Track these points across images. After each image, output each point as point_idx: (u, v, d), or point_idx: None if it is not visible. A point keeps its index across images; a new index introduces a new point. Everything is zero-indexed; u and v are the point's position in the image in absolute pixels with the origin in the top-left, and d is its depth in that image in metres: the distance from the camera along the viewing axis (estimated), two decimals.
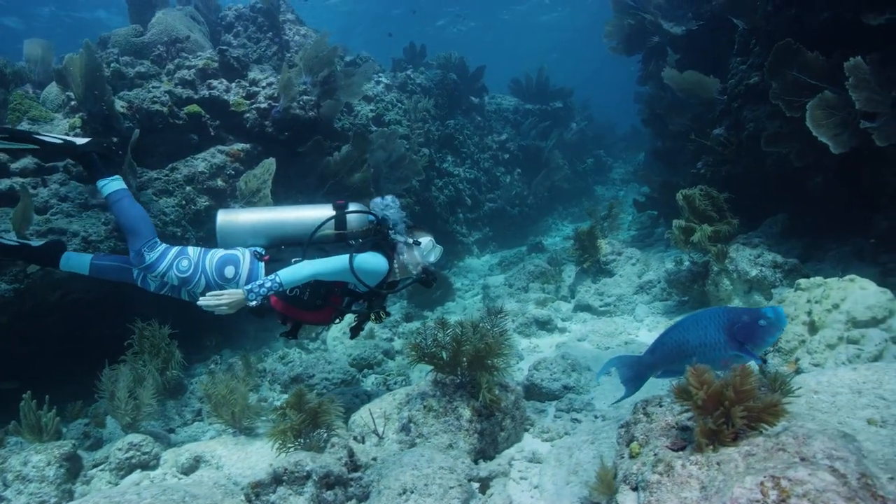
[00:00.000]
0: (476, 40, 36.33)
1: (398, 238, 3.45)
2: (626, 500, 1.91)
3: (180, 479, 3.17)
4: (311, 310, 3.42)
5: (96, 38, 7.02)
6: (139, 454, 3.27)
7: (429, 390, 3.11)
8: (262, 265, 3.38)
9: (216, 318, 3.28)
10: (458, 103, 11.53)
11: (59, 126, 5.26)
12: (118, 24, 7.46)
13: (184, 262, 3.35)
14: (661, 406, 2.10)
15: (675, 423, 1.97)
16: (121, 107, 5.37)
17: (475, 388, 3.00)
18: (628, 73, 10.55)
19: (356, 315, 3.60)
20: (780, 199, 5.67)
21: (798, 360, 3.07)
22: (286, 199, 6.00)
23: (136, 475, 3.22)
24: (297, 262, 3.26)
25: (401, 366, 5.04)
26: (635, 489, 1.86)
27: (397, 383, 4.63)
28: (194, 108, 5.83)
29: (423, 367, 3.29)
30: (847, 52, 4.13)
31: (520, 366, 4.76)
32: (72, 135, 4.86)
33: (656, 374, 2.62)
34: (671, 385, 1.90)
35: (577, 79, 20.99)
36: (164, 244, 3.43)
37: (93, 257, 3.50)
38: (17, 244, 3.46)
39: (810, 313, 3.20)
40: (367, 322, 3.66)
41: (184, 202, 5.43)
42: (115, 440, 3.41)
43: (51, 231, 4.47)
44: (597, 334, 5.08)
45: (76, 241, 4.56)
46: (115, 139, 5.19)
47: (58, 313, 4.57)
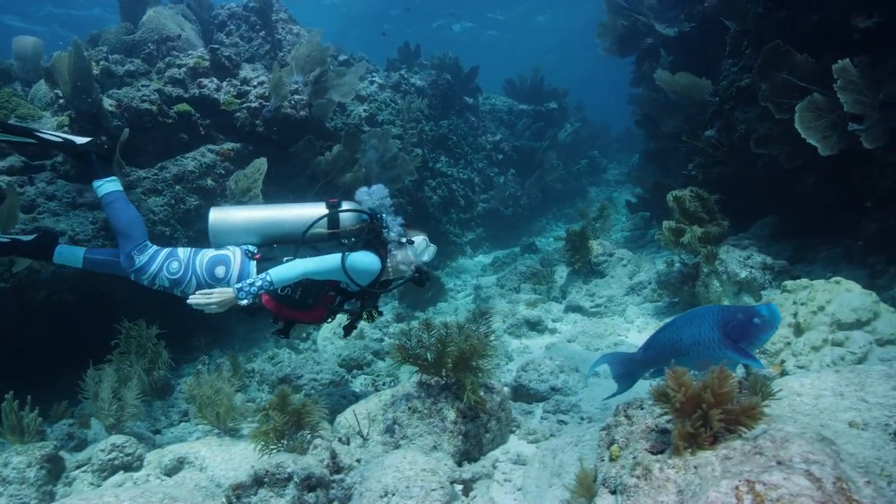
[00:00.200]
0: (472, 41, 36.35)
1: (391, 237, 3.43)
2: None
3: (163, 480, 3.14)
4: (303, 309, 3.40)
5: (87, 35, 6.98)
6: (122, 455, 3.24)
7: (413, 392, 3.10)
8: (253, 264, 3.35)
9: (206, 318, 3.25)
10: (452, 103, 11.51)
11: (47, 124, 5.22)
12: (115, 22, 7.40)
13: (174, 264, 3.33)
14: (641, 409, 2.09)
15: (655, 426, 1.96)
16: (109, 105, 5.34)
17: (460, 389, 2.98)
18: (623, 75, 10.55)
19: (348, 314, 3.58)
20: (770, 201, 5.68)
21: (783, 362, 3.07)
22: (277, 198, 5.97)
23: (119, 476, 3.19)
24: (288, 260, 3.24)
25: (390, 366, 5.02)
26: (614, 493, 1.85)
27: (386, 384, 4.61)
28: (184, 106, 5.80)
29: (412, 367, 3.28)
30: (836, 55, 4.13)
31: (509, 367, 4.75)
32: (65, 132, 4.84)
33: (650, 373, 2.60)
34: (650, 387, 1.89)
35: (573, 80, 21.06)
36: (154, 246, 3.40)
37: (86, 251, 3.48)
38: (7, 241, 3.44)
39: (796, 315, 3.20)
40: (359, 321, 3.64)
41: (173, 201, 5.41)
42: (100, 441, 3.39)
43: (37, 231, 4.44)
44: (586, 335, 5.07)
45: (63, 240, 4.52)
46: (104, 138, 5.16)
47: (43, 313, 4.54)
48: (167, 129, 5.70)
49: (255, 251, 3.41)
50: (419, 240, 3.52)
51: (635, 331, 5.26)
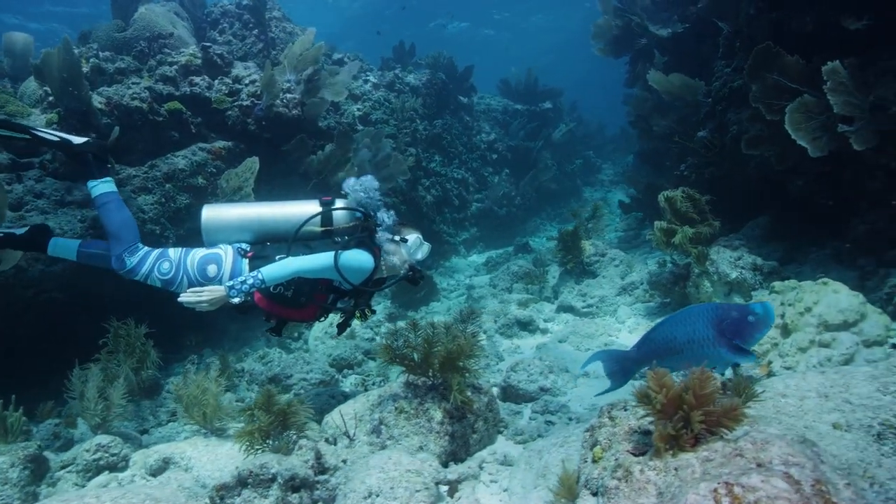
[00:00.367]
0: (469, 41, 36.33)
1: (385, 235, 3.42)
2: None
3: (148, 480, 3.12)
4: (296, 307, 3.39)
5: (77, 33, 6.94)
6: (107, 455, 3.22)
7: (401, 392, 3.08)
8: (245, 262, 3.34)
9: (198, 317, 3.23)
10: (447, 103, 11.49)
11: (36, 121, 5.18)
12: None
13: (165, 265, 3.32)
14: (625, 410, 2.08)
15: (638, 428, 1.95)
16: (99, 103, 5.30)
17: (447, 389, 2.97)
18: (619, 76, 10.54)
19: (341, 312, 3.56)
20: (762, 202, 5.68)
21: (770, 363, 3.07)
22: (269, 197, 5.93)
23: (104, 477, 3.17)
24: (281, 258, 3.23)
25: (380, 366, 5.01)
26: (595, 494, 1.84)
27: (375, 384, 4.59)
28: (175, 104, 5.77)
29: (401, 367, 3.26)
30: (827, 56, 4.13)
31: (499, 366, 4.74)
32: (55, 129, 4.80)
33: (644, 370, 2.58)
34: (632, 388, 1.88)
35: (570, 81, 21.04)
36: (144, 248, 3.38)
37: (80, 244, 3.47)
38: (0, 234, 3.42)
39: (783, 316, 3.20)
40: (353, 319, 3.62)
41: (163, 200, 5.37)
42: (86, 441, 3.36)
43: (29, 224, 4.40)
44: (577, 335, 5.07)
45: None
46: (93, 135, 5.12)
47: (32, 311, 4.50)
48: (158, 127, 5.66)
49: (248, 249, 3.40)
50: (413, 238, 3.50)
51: (626, 331, 5.26)
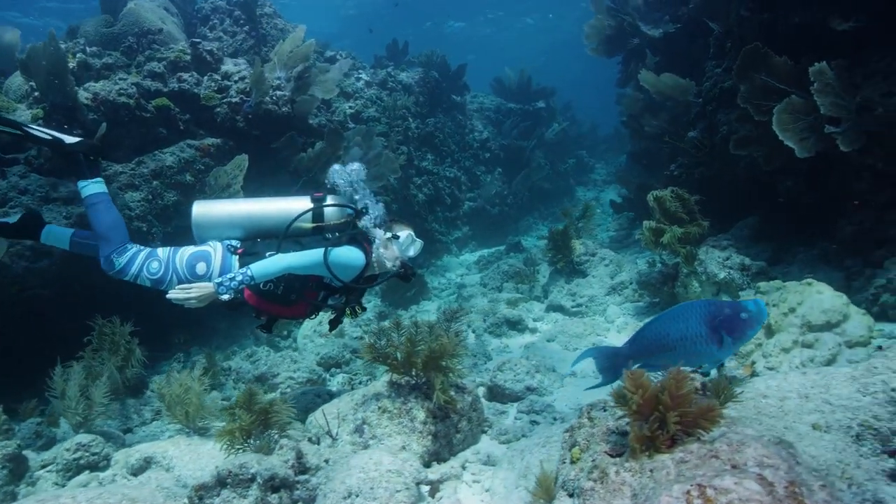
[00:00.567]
0: (465, 41, 36.30)
1: (376, 232, 3.40)
2: None
3: (129, 480, 3.09)
4: (286, 304, 3.36)
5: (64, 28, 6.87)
6: (88, 455, 3.19)
7: (384, 391, 3.07)
8: (235, 258, 3.31)
9: (187, 315, 3.20)
10: (440, 101, 11.46)
11: (21, 116, 5.13)
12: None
13: (154, 265, 3.28)
14: (604, 410, 2.07)
15: (616, 429, 1.94)
16: (85, 98, 5.26)
17: (430, 389, 2.96)
18: (613, 76, 10.54)
19: (332, 309, 3.54)
20: (751, 202, 5.69)
21: (754, 363, 3.07)
22: (258, 195, 5.90)
23: (85, 476, 3.14)
24: (271, 255, 3.20)
25: (368, 365, 4.98)
26: (572, 496, 1.83)
27: (362, 383, 4.57)
28: (163, 101, 5.72)
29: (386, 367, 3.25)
30: (815, 57, 4.14)
31: (487, 366, 4.73)
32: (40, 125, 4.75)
33: (636, 367, 2.56)
34: (611, 389, 1.88)
35: (565, 81, 21.06)
36: (133, 248, 3.34)
37: (73, 233, 3.44)
38: None
39: (768, 316, 3.20)
40: (344, 316, 3.60)
41: (150, 197, 5.33)
42: (67, 440, 3.33)
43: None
44: (565, 335, 5.06)
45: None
46: (79, 131, 5.08)
47: (15, 309, 4.46)
48: (145, 123, 5.61)
49: (238, 246, 3.37)
50: (405, 235, 3.47)
51: (615, 330, 5.26)
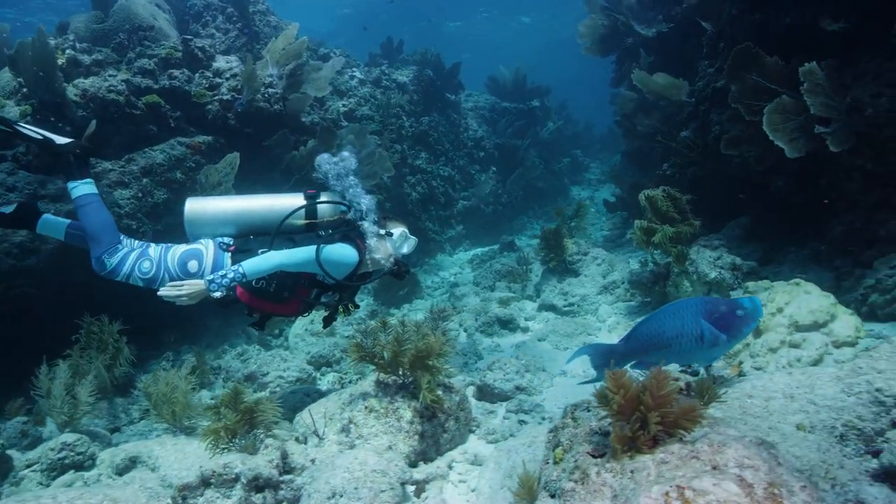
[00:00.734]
0: (461, 40, 36.27)
1: (370, 228, 3.38)
2: None
3: (114, 479, 3.07)
4: (278, 301, 3.34)
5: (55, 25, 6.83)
6: (73, 454, 3.16)
7: (371, 391, 3.06)
8: (227, 256, 3.29)
9: (178, 313, 3.17)
10: (434, 100, 11.43)
11: (9, 113, 5.09)
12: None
13: (145, 264, 3.26)
14: (588, 410, 2.07)
15: (599, 429, 1.93)
16: (74, 95, 5.22)
17: (417, 388, 2.94)
18: (608, 75, 10.53)
19: (325, 307, 3.52)
20: (743, 202, 5.70)
21: (741, 363, 3.07)
22: (250, 192, 5.88)
23: (70, 476, 3.11)
24: (263, 252, 3.18)
25: (358, 364, 4.97)
26: (554, 496, 1.83)
27: (352, 382, 4.56)
28: (153, 97, 5.69)
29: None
30: (806, 58, 4.14)
31: (478, 365, 4.72)
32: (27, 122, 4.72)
33: (630, 365, 2.56)
34: (594, 389, 1.87)
35: (561, 80, 21.04)
36: (124, 247, 3.31)
37: (69, 224, 3.41)
38: None
39: None
40: (337, 313, 3.58)
41: (140, 194, 5.30)
42: (52, 440, 3.30)
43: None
44: (557, 334, 5.06)
45: (23, 231, 4.42)
46: (68, 129, 5.04)
47: (2, 307, 4.42)
48: (135, 120, 5.57)
49: (230, 243, 3.35)
50: (398, 232, 3.46)
51: (606, 330, 5.26)
